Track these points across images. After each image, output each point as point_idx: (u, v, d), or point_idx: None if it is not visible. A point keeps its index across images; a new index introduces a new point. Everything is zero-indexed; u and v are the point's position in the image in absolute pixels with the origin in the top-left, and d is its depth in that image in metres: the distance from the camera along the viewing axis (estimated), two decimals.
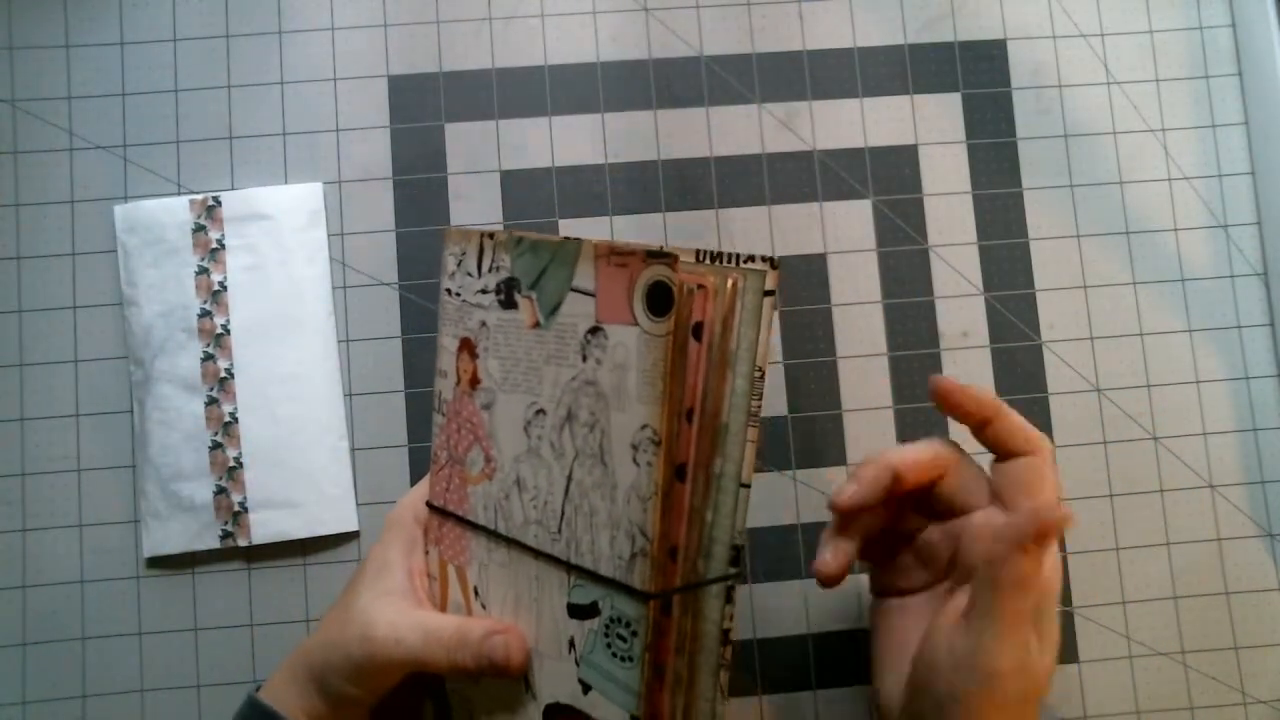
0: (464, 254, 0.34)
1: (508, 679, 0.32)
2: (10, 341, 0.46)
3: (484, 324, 0.33)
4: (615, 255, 0.28)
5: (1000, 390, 0.47)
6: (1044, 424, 0.47)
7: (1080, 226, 0.48)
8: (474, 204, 0.47)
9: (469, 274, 0.34)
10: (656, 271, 0.27)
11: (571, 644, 0.30)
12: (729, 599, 0.30)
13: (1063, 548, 0.46)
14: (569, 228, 0.47)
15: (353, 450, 0.46)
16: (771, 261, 0.29)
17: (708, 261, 0.31)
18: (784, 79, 0.49)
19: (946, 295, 0.48)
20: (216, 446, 0.45)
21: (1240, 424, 0.48)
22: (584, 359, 0.29)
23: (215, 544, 0.44)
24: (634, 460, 0.28)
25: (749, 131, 0.48)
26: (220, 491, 0.44)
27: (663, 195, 0.48)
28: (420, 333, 0.47)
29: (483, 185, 0.48)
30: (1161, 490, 0.47)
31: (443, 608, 0.36)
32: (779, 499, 0.46)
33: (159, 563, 0.45)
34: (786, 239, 0.48)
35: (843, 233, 0.48)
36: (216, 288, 0.45)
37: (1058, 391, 0.47)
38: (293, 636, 0.45)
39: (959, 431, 0.36)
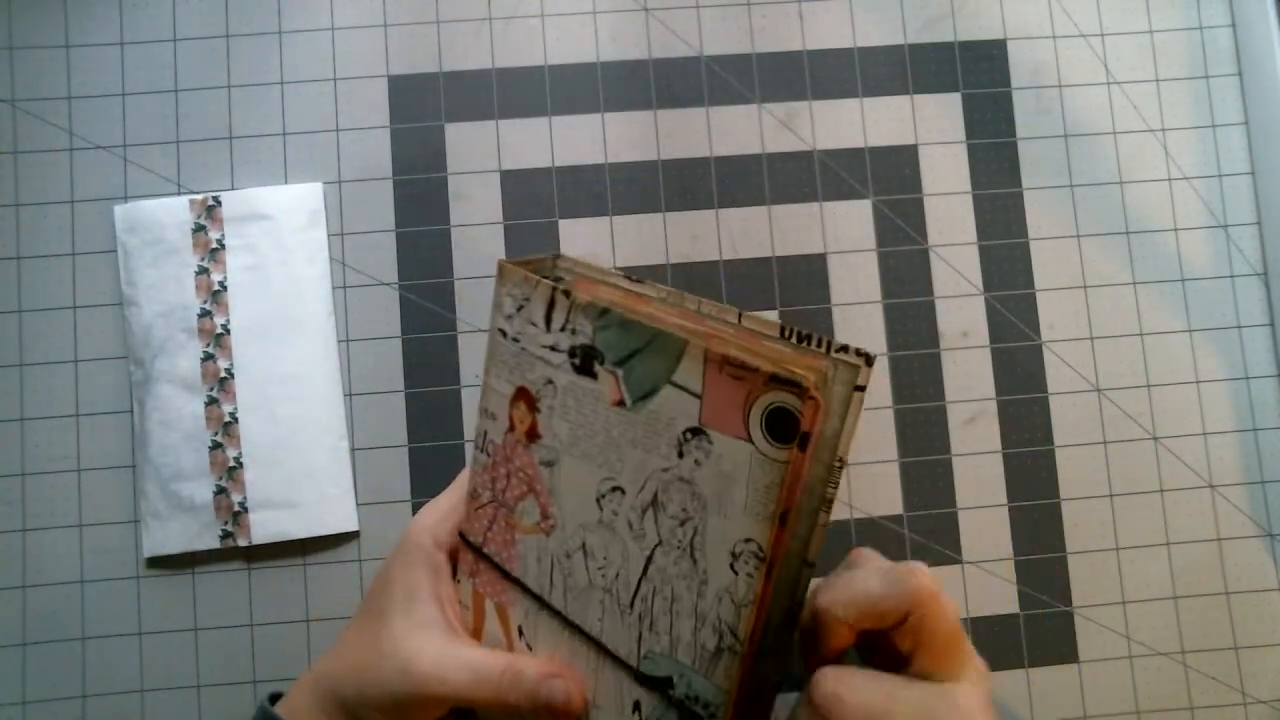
0: (527, 300, 0.32)
1: None
2: (10, 341, 0.46)
3: (550, 382, 0.32)
4: (730, 366, 0.27)
5: (1000, 390, 0.47)
6: (1044, 424, 0.47)
7: (1080, 226, 0.48)
8: (474, 204, 0.47)
9: (532, 323, 0.32)
10: (780, 398, 0.26)
11: (637, 706, 0.30)
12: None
13: (1063, 548, 0.47)
14: (569, 228, 0.47)
15: (353, 450, 0.46)
16: (866, 358, 0.28)
17: (794, 340, 0.30)
18: (784, 79, 0.49)
19: (946, 295, 0.48)
20: (216, 446, 0.45)
21: (1240, 424, 0.48)
22: (680, 455, 0.28)
23: (215, 544, 0.44)
24: (732, 567, 0.27)
25: (749, 131, 0.48)
26: (220, 491, 0.44)
27: (663, 195, 0.48)
28: (420, 333, 0.47)
29: (483, 185, 0.48)
30: (1161, 490, 0.47)
31: (476, 637, 0.36)
32: None
33: (159, 563, 0.45)
34: (786, 239, 0.48)
35: (843, 233, 0.48)
36: (216, 288, 0.45)
37: (1058, 391, 0.47)
38: (293, 636, 0.45)
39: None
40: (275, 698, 0.36)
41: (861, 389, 0.28)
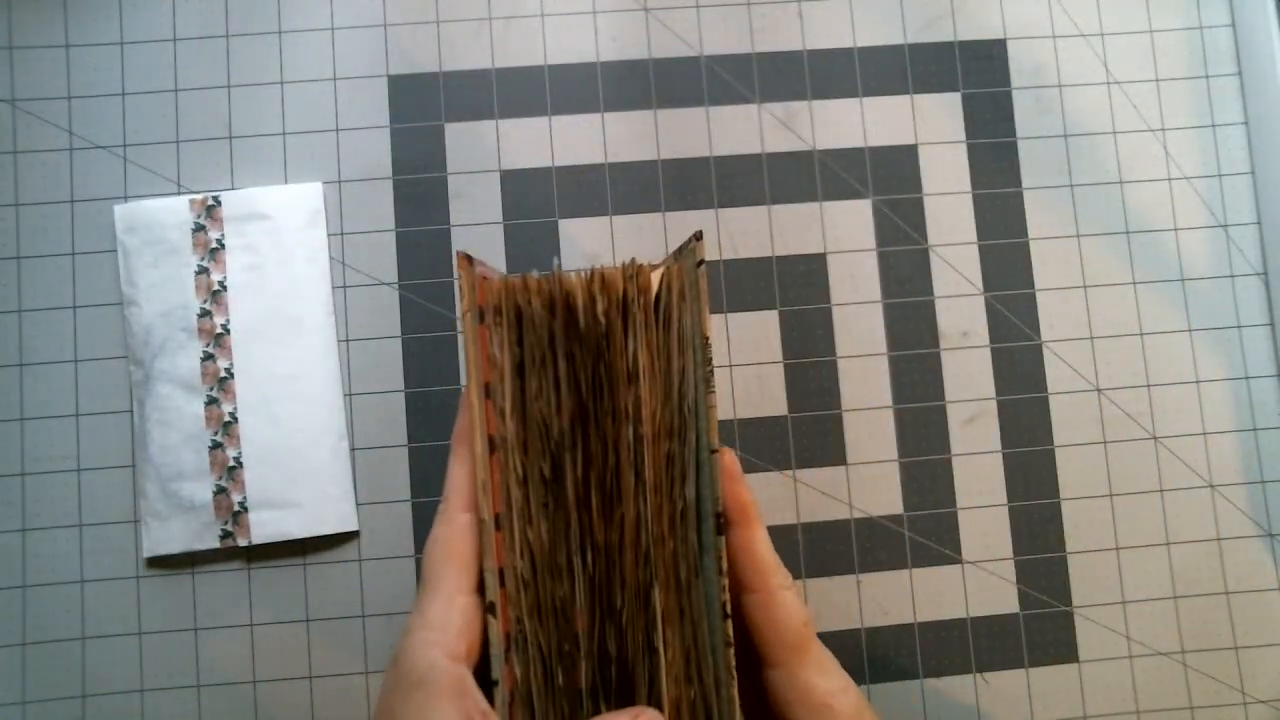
0: None
1: None
2: (10, 341, 0.46)
3: None
4: None
5: (1000, 390, 0.47)
6: (1044, 424, 0.47)
7: (1080, 226, 0.49)
8: (474, 204, 0.47)
9: None
10: None
11: None
12: (722, 570, 0.30)
13: (1063, 548, 0.47)
14: (569, 227, 0.47)
15: (353, 450, 0.46)
16: (697, 234, 0.30)
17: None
18: (784, 79, 0.49)
19: (946, 295, 0.48)
20: (216, 446, 0.45)
21: (1240, 424, 0.48)
22: None
23: (215, 544, 0.44)
24: None
25: (749, 131, 0.48)
26: (220, 491, 0.44)
27: (663, 195, 0.48)
28: (420, 333, 0.47)
29: (483, 185, 0.48)
30: (1161, 490, 0.47)
31: None
32: (779, 499, 0.46)
33: (159, 563, 0.45)
34: (786, 239, 0.48)
35: (843, 233, 0.48)
36: (216, 287, 0.46)
37: (1058, 391, 0.47)
38: (293, 636, 0.45)
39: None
40: None
41: (702, 263, 0.30)
